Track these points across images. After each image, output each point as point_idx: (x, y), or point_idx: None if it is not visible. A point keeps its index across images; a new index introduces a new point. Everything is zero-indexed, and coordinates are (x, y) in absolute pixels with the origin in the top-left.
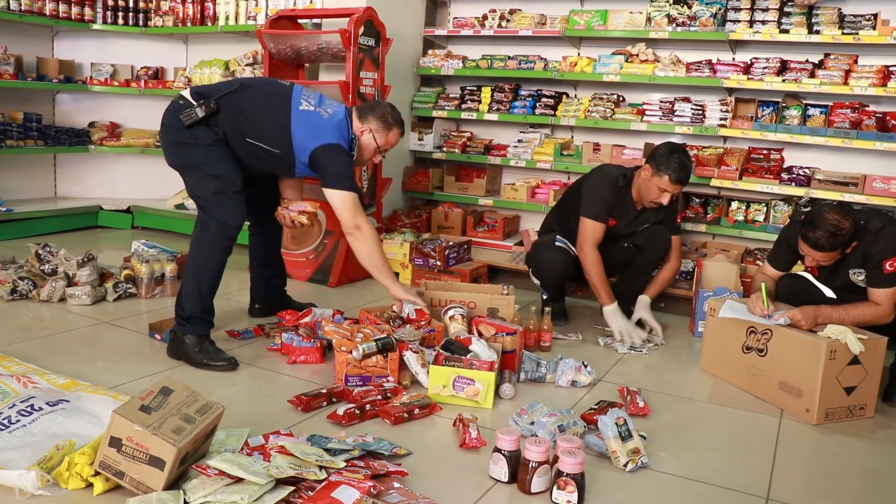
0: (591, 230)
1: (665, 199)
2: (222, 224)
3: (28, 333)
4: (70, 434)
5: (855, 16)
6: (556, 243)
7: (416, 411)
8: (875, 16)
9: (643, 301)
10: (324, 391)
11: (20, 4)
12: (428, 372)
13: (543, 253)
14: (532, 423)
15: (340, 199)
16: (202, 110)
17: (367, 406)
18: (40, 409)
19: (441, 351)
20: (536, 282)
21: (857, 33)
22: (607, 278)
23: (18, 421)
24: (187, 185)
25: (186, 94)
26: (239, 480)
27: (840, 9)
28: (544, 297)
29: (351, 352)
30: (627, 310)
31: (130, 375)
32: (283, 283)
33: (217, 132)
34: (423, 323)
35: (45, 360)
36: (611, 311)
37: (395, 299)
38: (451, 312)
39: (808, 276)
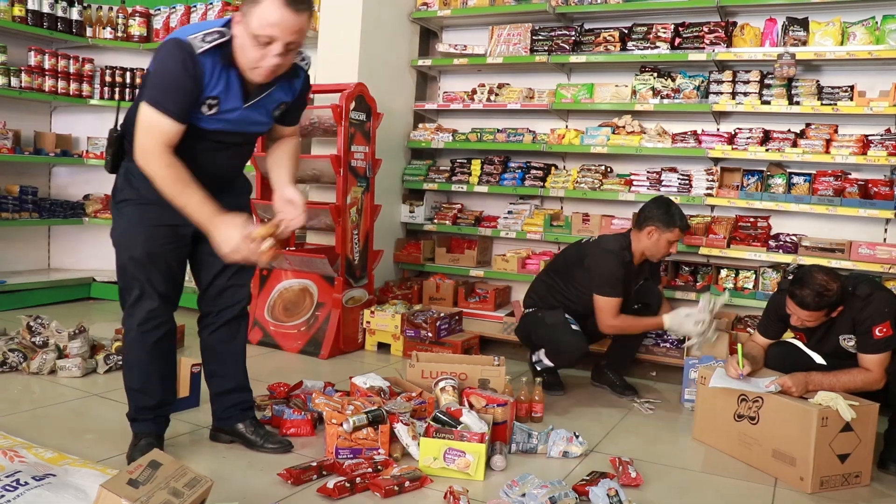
0: (610, 307)
1: (675, 249)
2: (126, 310)
3: (16, 406)
4: None
5: (833, 87)
6: (573, 326)
7: (407, 484)
8: (852, 87)
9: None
10: (314, 464)
11: (20, 81)
12: (419, 444)
13: (565, 337)
14: (523, 495)
15: (140, 116)
16: (110, 144)
17: (358, 479)
18: (26, 483)
19: (432, 423)
20: (549, 363)
21: (836, 104)
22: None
23: (3, 496)
24: None
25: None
26: None
27: (818, 81)
28: (538, 368)
29: (342, 424)
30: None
31: (119, 449)
32: (244, 401)
33: (132, 165)
34: (413, 395)
35: (33, 434)
36: (669, 319)
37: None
38: (441, 384)
39: (798, 343)
